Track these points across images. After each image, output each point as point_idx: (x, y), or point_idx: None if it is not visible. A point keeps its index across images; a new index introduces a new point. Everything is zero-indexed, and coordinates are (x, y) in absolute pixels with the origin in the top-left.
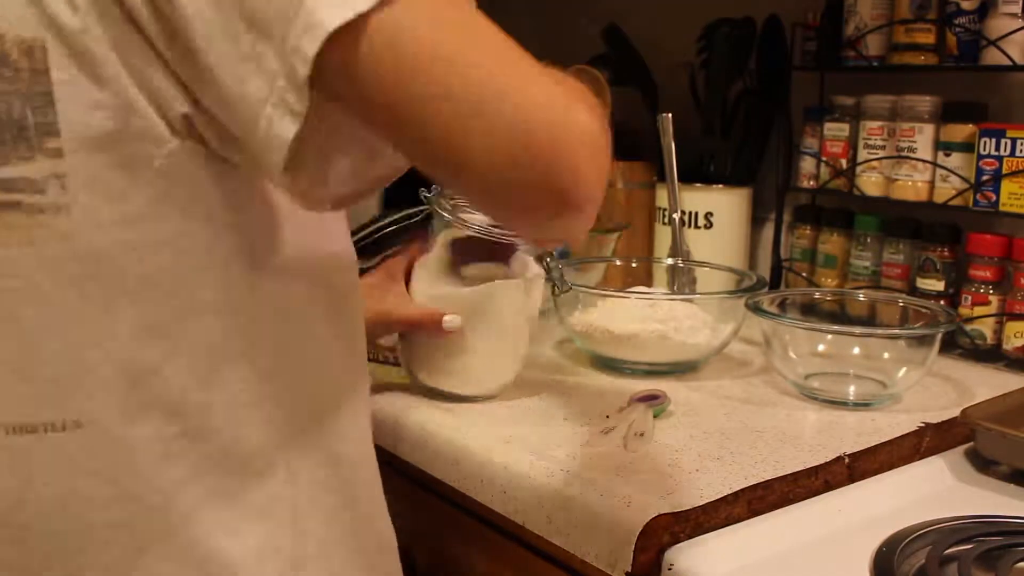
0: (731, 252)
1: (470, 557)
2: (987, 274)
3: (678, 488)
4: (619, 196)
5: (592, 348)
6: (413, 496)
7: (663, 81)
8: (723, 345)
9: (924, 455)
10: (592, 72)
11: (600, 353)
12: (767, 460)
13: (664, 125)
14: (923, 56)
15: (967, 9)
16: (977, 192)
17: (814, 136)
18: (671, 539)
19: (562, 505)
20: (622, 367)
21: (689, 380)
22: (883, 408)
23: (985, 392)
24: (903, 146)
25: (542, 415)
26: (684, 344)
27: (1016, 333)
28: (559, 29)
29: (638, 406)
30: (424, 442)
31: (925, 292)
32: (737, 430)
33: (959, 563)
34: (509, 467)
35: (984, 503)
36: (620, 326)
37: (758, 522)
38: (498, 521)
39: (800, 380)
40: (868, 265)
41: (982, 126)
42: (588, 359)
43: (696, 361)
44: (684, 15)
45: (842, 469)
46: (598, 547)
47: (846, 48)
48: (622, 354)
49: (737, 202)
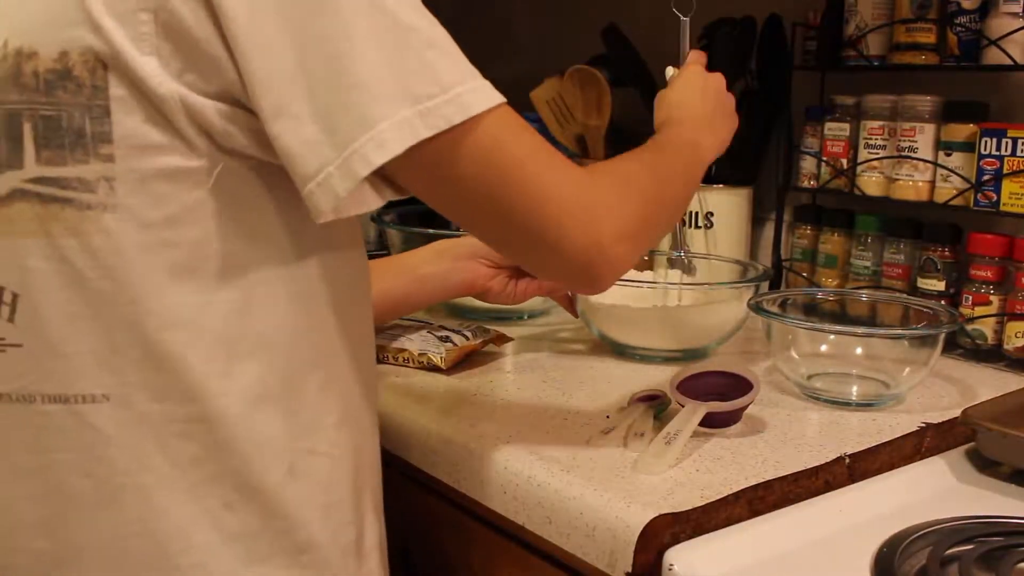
0: (731, 252)
1: (470, 557)
2: (988, 274)
3: (678, 488)
4: None
5: (605, 329)
6: (413, 496)
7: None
8: (731, 333)
9: (925, 455)
10: (592, 72)
11: (612, 337)
12: (768, 460)
13: None
14: (924, 56)
15: (968, 8)
16: (978, 192)
17: (815, 136)
18: (671, 539)
19: (562, 505)
20: (633, 353)
21: None
22: (884, 408)
23: (986, 392)
24: (904, 146)
25: (543, 415)
26: (694, 321)
27: (1017, 333)
28: (559, 29)
29: (638, 406)
30: (424, 442)
31: (926, 292)
32: (738, 430)
33: (960, 564)
34: (509, 467)
35: (985, 503)
36: (636, 302)
37: (759, 522)
38: (498, 521)
39: (803, 380)
40: (869, 265)
41: (983, 126)
42: (596, 348)
43: (706, 347)
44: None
45: (843, 469)
46: (598, 547)
47: (847, 48)
48: (634, 338)
49: (737, 202)
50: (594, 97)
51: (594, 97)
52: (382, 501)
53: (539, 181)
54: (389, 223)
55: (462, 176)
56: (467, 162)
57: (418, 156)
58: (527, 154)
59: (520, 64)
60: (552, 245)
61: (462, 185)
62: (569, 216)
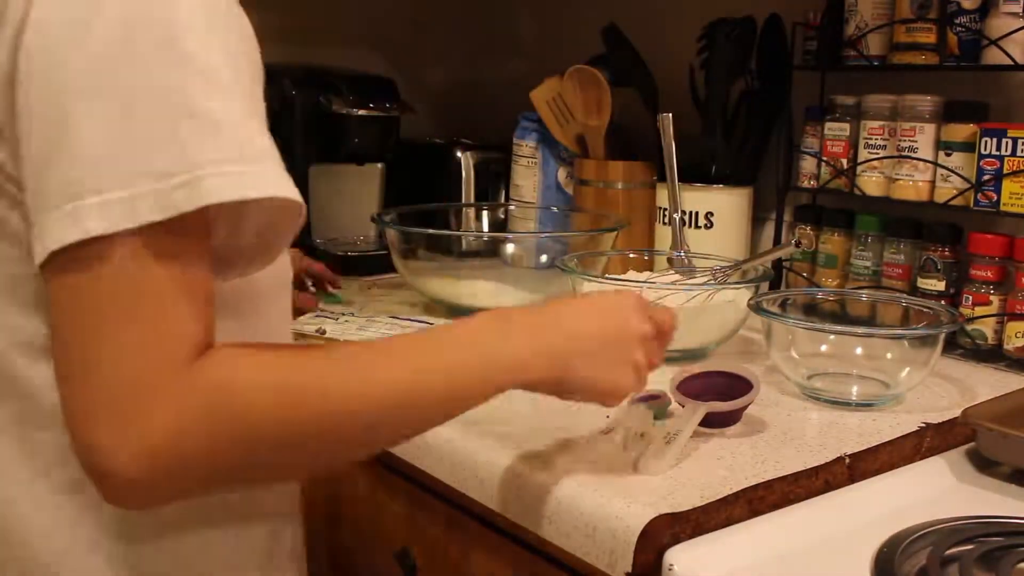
0: (731, 252)
1: (470, 557)
2: (988, 274)
3: (678, 488)
4: (619, 196)
5: None
6: (413, 496)
7: (663, 81)
8: (731, 333)
9: (925, 455)
10: (592, 72)
11: None
12: (768, 460)
13: (664, 125)
14: (924, 56)
15: (968, 8)
16: (978, 192)
17: (815, 136)
18: (671, 539)
19: (562, 505)
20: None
21: None
22: (884, 408)
23: (986, 392)
24: (904, 146)
25: (543, 415)
26: (694, 321)
27: (1017, 333)
28: (559, 29)
29: (638, 406)
30: (424, 442)
31: (926, 292)
32: (738, 430)
33: (960, 564)
34: (509, 467)
35: (985, 504)
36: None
37: (758, 522)
38: (498, 521)
39: (803, 380)
40: (869, 265)
41: (983, 126)
42: None
43: (706, 347)
44: (684, 15)
45: (843, 469)
46: (598, 547)
47: (847, 48)
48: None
49: (737, 202)
50: (594, 97)
51: (594, 97)
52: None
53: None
54: (389, 223)
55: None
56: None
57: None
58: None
59: (520, 64)
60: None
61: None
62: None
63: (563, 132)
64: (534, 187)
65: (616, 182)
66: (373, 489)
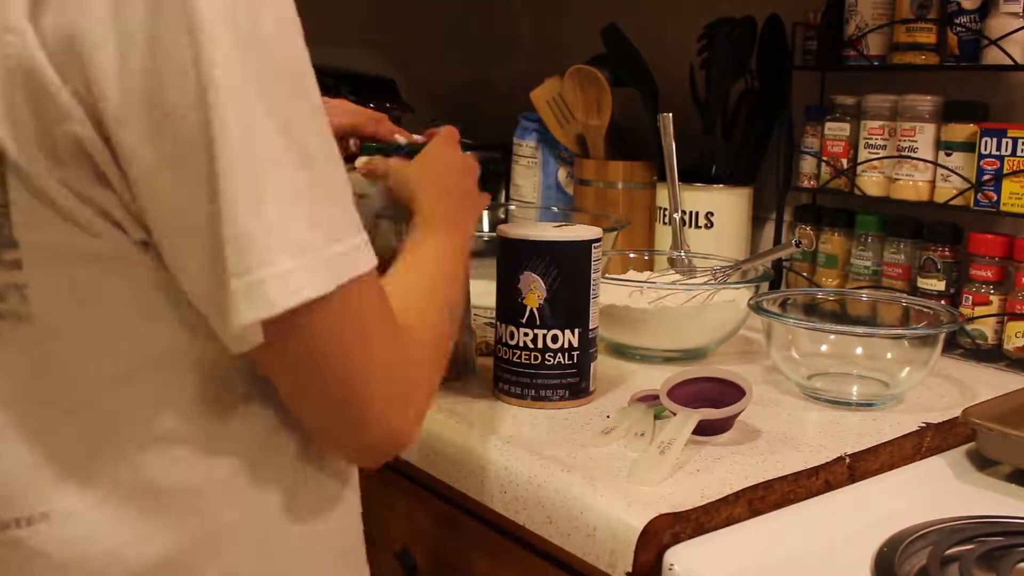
0: (732, 252)
1: (470, 557)
2: (988, 274)
3: (678, 488)
4: (619, 196)
5: (604, 329)
6: (413, 496)
7: (663, 81)
8: (731, 333)
9: (925, 455)
10: (592, 72)
11: (611, 337)
12: (768, 460)
13: (664, 125)
14: (924, 56)
15: (968, 8)
16: (978, 192)
17: (815, 136)
18: (672, 539)
19: (563, 505)
20: (632, 353)
21: None
22: (884, 408)
23: (986, 392)
24: (904, 146)
25: (543, 415)
26: (694, 321)
27: (1017, 333)
28: (559, 29)
29: (638, 406)
30: (424, 442)
31: (926, 292)
32: (738, 430)
33: (960, 563)
34: (509, 467)
35: (985, 503)
36: (635, 302)
37: (759, 522)
38: (498, 521)
39: (803, 380)
40: (869, 265)
41: (983, 126)
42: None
43: (705, 347)
44: (684, 15)
45: (843, 469)
46: (599, 547)
47: (847, 47)
48: (634, 338)
49: (737, 202)
50: (594, 97)
51: (594, 97)
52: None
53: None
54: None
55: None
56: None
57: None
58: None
59: (520, 64)
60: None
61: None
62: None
63: (563, 132)
64: (534, 187)
65: (616, 182)
66: (373, 489)
